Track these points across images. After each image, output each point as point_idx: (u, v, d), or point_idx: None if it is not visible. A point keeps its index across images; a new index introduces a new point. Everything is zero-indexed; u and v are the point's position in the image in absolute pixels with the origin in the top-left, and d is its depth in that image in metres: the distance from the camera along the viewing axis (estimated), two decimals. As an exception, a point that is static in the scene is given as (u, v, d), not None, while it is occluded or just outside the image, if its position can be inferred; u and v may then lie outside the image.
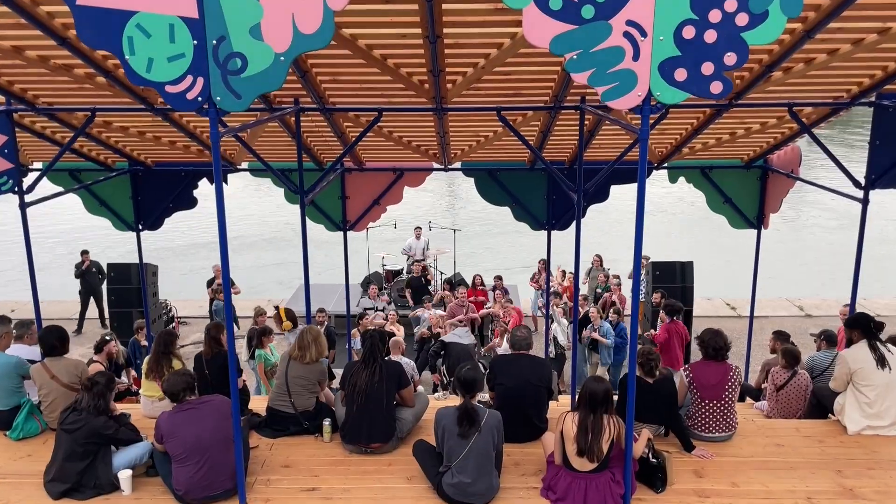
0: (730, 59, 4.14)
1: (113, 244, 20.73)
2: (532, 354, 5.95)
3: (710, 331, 5.90)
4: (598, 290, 13.48)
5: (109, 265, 14.13)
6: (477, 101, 6.72)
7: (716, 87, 4.20)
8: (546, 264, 9.39)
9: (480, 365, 8.90)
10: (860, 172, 7.13)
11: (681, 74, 4.16)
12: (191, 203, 9.42)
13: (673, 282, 13.51)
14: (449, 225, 18.46)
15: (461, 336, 9.75)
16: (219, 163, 4.51)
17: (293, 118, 6.96)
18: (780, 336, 8.25)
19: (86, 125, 6.81)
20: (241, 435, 4.83)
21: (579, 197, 6.83)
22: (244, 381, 7.22)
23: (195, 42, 4.10)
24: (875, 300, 17.06)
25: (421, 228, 15.96)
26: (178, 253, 23.84)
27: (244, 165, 9.21)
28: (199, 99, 4.24)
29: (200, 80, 4.20)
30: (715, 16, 4.06)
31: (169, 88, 4.24)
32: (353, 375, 5.66)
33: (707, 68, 4.15)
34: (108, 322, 14.52)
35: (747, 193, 9.14)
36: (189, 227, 24.06)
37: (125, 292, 13.47)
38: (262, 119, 5.83)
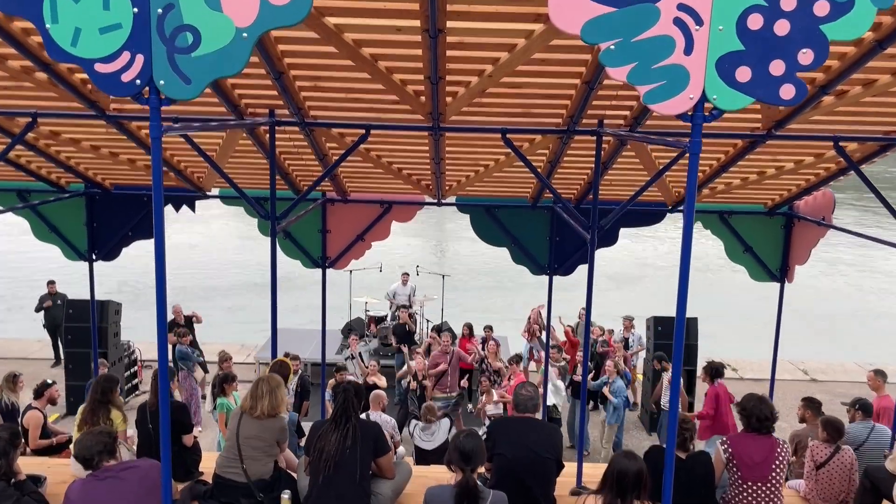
0: (805, 57, 3.30)
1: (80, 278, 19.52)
2: (538, 419, 4.96)
3: (754, 397, 4.95)
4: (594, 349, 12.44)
5: (69, 301, 13.07)
6: (479, 122, 5.87)
7: (787, 92, 3.34)
8: (547, 313, 8.45)
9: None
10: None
11: (744, 74, 3.31)
12: (152, 232, 8.43)
13: (676, 339, 12.62)
14: (437, 269, 17.56)
15: (424, 440, 8.11)
16: (160, 168, 3.60)
17: (267, 134, 6.09)
18: (811, 404, 7.33)
19: (24, 132, 5.87)
20: (175, 511, 3.79)
21: (593, 236, 5.94)
22: (195, 437, 6.14)
23: (135, 10, 3.25)
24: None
25: (408, 274, 15.07)
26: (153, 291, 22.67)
27: (215, 192, 8.29)
28: (138, 82, 3.35)
29: (140, 59, 3.32)
30: (788, 3, 3.23)
31: (99, 67, 3.35)
32: (319, 438, 4.63)
33: (777, 67, 3.30)
34: (62, 362, 13.33)
35: (770, 243, 8.31)
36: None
37: (84, 331, 12.34)
38: (228, 122, 4.92)
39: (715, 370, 8.59)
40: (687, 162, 6.23)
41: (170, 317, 12.20)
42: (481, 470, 5.08)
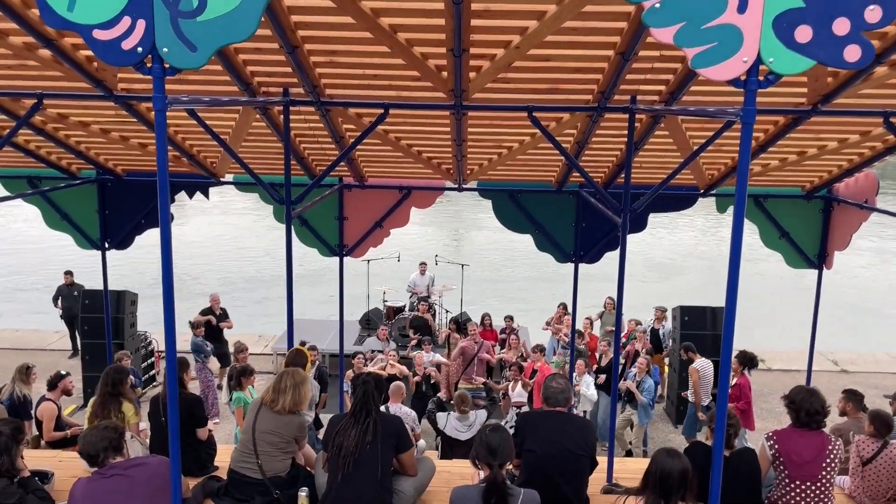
0: (872, 14, 2.97)
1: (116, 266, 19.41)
2: (570, 413, 4.66)
3: (803, 389, 4.62)
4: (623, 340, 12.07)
5: (85, 291, 12.94)
6: (504, 99, 5.56)
7: (852, 53, 3.02)
8: (572, 304, 8.13)
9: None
10: None
11: (804, 34, 2.99)
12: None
13: (703, 329, 12.24)
14: (456, 259, 17.25)
15: (460, 430, 7.55)
16: (164, 146, 3.34)
17: (281, 115, 5.81)
18: (853, 397, 6.97)
19: (30, 114, 5.64)
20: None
21: (625, 220, 5.62)
22: (210, 430, 5.92)
23: (136, -30, 2.98)
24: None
25: (426, 263, 14.77)
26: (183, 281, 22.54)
27: (229, 178, 8.05)
28: (139, 50, 3.10)
29: (141, 24, 3.07)
30: (854, -46, 2.91)
31: (98, 34, 3.10)
32: (338, 433, 4.37)
33: (841, 26, 2.98)
34: (80, 353, 13.21)
35: (808, 228, 7.94)
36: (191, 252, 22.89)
37: (100, 322, 12.19)
38: (239, 100, 4.65)
39: (749, 360, 8.23)
40: (727, 139, 5.94)
41: (207, 304, 12.08)
42: (509, 467, 4.81)
